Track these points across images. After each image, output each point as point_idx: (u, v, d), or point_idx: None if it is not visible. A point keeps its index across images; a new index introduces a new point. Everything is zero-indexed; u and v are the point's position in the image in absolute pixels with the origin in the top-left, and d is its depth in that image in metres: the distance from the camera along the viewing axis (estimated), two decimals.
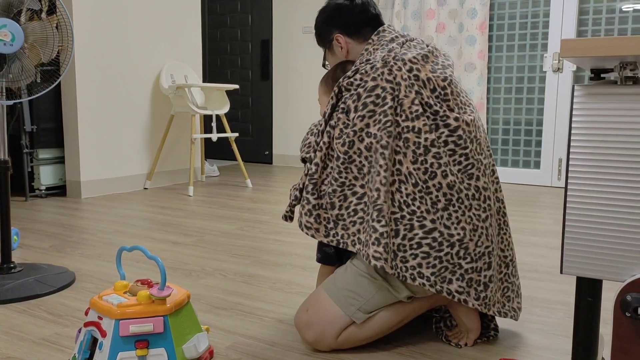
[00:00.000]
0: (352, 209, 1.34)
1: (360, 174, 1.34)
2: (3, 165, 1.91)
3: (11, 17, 1.83)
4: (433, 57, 1.41)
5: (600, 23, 4.08)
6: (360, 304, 1.36)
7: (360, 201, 1.34)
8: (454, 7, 4.50)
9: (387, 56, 1.37)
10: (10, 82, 1.89)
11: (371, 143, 1.32)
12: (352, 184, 1.34)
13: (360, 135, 1.33)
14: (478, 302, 1.34)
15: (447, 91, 1.36)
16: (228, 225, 2.87)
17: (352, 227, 1.34)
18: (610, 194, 0.91)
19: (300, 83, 5.46)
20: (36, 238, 2.56)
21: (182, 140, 4.40)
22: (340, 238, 1.35)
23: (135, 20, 3.92)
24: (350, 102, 1.36)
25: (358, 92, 1.36)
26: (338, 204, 1.35)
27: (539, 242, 2.58)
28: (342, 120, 1.37)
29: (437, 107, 1.34)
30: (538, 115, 4.37)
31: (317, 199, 1.38)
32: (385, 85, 1.33)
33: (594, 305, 1.00)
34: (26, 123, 3.48)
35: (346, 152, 1.34)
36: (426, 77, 1.35)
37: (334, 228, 1.36)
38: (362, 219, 1.33)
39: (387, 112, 1.31)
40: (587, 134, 0.92)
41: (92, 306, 1.27)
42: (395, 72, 1.34)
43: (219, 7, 5.95)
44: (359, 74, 1.38)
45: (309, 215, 1.38)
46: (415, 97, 1.32)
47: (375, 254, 1.27)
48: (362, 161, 1.34)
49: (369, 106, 1.33)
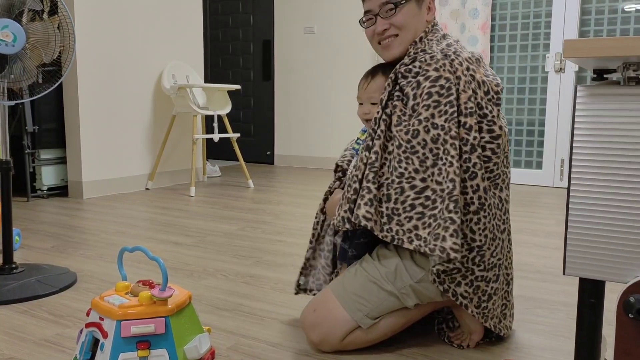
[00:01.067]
0: (408, 204, 1.28)
1: (422, 167, 1.28)
2: (5, 165, 1.91)
3: (13, 17, 1.83)
4: (482, 61, 1.40)
5: (603, 23, 4.07)
6: (368, 310, 1.35)
7: (419, 196, 1.28)
8: (456, 7, 4.50)
9: (446, 49, 1.34)
10: (11, 82, 1.89)
11: (438, 135, 1.27)
12: (411, 177, 1.28)
13: (426, 125, 1.28)
14: (477, 311, 1.35)
15: (499, 96, 1.35)
16: (230, 226, 2.86)
17: (407, 223, 1.28)
18: (613, 195, 0.91)
19: (302, 83, 5.46)
20: (38, 238, 2.56)
21: (183, 140, 4.40)
22: (395, 234, 1.29)
23: (137, 20, 3.92)
24: (409, 90, 1.32)
25: (418, 80, 1.31)
26: (394, 196, 1.29)
27: (541, 243, 2.57)
28: (399, 107, 1.33)
29: (487, 110, 1.32)
30: (540, 116, 4.36)
31: (377, 188, 1.31)
32: (449, 76, 1.29)
33: (596, 306, 1.00)
34: (28, 123, 3.48)
35: (409, 141, 1.29)
36: (481, 80, 1.33)
37: (387, 223, 1.30)
38: (420, 214, 1.27)
39: (453, 102, 1.27)
40: (589, 135, 0.92)
41: (94, 307, 1.27)
42: (457, 66, 1.31)
43: (221, 8, 5.95)
44: (418, 62, 1.34)
45: (369, 205, 1.30)
46: (472, 94, 1.30)
47: (454, 246, 1.22)
48: (425, 153, 1.28)
49: (434, 96, 1.29)
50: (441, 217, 1.25)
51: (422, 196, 1.27)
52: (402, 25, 1.41)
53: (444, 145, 1.27)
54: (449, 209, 1.24)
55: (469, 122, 1.29)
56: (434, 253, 1.23)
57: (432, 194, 1.27)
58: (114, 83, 3.79)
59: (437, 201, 1.26)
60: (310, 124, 5.45)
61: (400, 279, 1.34)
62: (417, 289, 1.34)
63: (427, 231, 1.26)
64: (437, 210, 1.26)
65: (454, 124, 1.27)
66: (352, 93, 5.17)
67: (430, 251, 1.24)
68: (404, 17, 1.41)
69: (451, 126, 1.27)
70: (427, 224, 1.27)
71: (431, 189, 1.27)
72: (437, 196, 1.26)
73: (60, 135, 3.69)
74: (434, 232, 1.25)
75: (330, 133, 5.34)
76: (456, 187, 1.24)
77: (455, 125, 1.27)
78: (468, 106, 1.29)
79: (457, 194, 1.24)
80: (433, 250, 1.24)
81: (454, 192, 1.24)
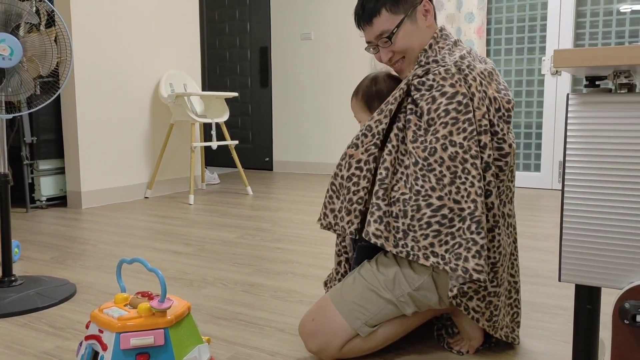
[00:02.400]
0: (424, 222, 1.26)
1: (438, 185, 1.26)
2: (3, 178, 1.91)
3: (10, 31, 1.84)
4: (495, 74, 1.37)
5: (598, 25, 4.09)
6: (367, 318, 1.36)
7: (435, 214, 1.26)
8: (452, 11, 4.52)
9: (460, 62, 1.31)
10: (9, 95, 1.89)
11: (456, 153, 1.25)
12: (428, 195, 1.26)
13: (444, 143, 1.26)
14: (488, 324, 1.36)
15: (510, 113, 1.33)
16: (229, 234, 2.87)
17: (423, 240, 1.27)
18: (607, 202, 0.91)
19: (300, 89, 5.47)
20: (37, 250, 2.57)
21: (182, 148, 4.41)
22: (410, 250, 1.28)
23: (134, 30, 3.94)
24: (423, 104, 1.29)
25: (433, 95, 1.29)
26: (410, 213, 1.27)
27: (540, 246, 2.58)
28: (414, 121, 1.31)
29: (498, 128, 1.31)
30: (537, 118, 4.37)
31: (387, 205, 1.30)
32: (465, 92, 1.28)
33: (593, 312, 1.00)
34: (26, 135, 3.49)
35: (426, 159, 1.27)
36: (492, 96, 1.32)
37: (402, 239, 1.28)
38: (437, 232, 1.26)
39: (471, 120, 1.26)
40: (582, 142, 0.93)
41: (93, 319, 1.27)
42: (470, 81, 1.29)
43: (218, 15, 5.97)
44: (432, 75, 1.31)
45: (379, 222, 1.29)
46: (486, 111, 1.29)
47: (477, 267, 1.22)
48: (442, 171, 1.26)
49: (452, 113, 1.27)
50: (462, 237, 1.24)
51: (439, 214, 1.26)
52: (404, 49, 1.42)
53: (464, 164, 1.25)
54: (470, 230, 1.23)
55: (484, 139, 1.28)
56: (455, 273, 1.23)
57: (449, 212, 1.25)
58: (112, 93, 3.80)
59: (455, 220, 1.25)
60: (308, 130, 5.46)
61: (399, 286, 1.34)
62: (416, 297, 1.34)
63: (444, 248, 1.26)
64: (454, 228, 1.25)
65: (474, 142, 1.25)
66: (348, 98, 5.18)
67: (452, 270, 1.24)
68: (402, 41, 1.41)
69: (471, 145, 1.25)
70: (444, 241, 1.26)
71: (448, 207, 1.25)
72: (454, 215, 1.25)
73: (59, 146, 3.70)
74: (455, 251, 1.24)
75: (328, 138, 5.35)
76: (478, 207, 1.24)
77: (475, 144, 1.25)
78: (482, 123, 1.28)
79: (479, 215, 1.24)
80: (455, 269, 1.23)
81: (475, 212, 1.24)
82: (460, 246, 1.24)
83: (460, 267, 1.23)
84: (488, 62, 1.44)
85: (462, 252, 1.23)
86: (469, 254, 1.23)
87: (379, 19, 1.41)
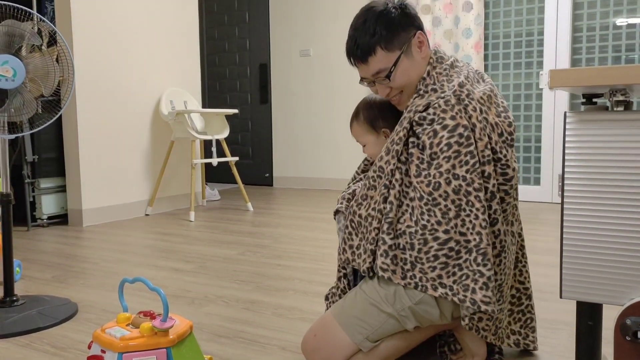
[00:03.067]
0: (432, 254, 1.27)
1: (444, 219, 1.27)
2: (6, 198, 1.92)
3: (12, 52, 1.86)
4: (494, 96, 1.37)
5: (594, 39, 4.12)
6: (369, 333, 1.36)
7: (442, 247, 1.27)
8: (449, 27, 4.56)
9: (458, 92, 1.31)
10: (12, 116, 1.91)
11: (460, 186, 1.26)
12: (434, 229, 1.27)
13: (447, 177, 1.26)
14: (494, 337, 1.37)
15: (513, 137, 1.34)
16: (229, 251, 2.87)
17: (430, 273, 1.28)
18: (606, 219, 0.92)
19: (299, 105, 5.50)
20: (38, 269, 2.57)
21: (182, 165, 4.42)
22: (419, 281, 1.29)
23: (135, 48, 3.97)
24: (425, 139, 1.29)
25: (434, 129, 1.28)
26: (417, 246, 1.28)
27: (541, 261, 2.58)
28: (416, 155, 1.31)
29: (501, 154, 1.31)
30: (536, 132, 4.39)
31: (393, 239, 1.31)
32: (466, 123, 1.28)
33: (594, 328, 1.01)
34: (28, 153, 3.50)
35: (431, 194, 1.27)
36: (494, 122, 1.32)
37: (410, 270, 1.30)
38: (444, 264, 1.27)
39: (473, 152, 1.26)
40: (580, 160, 0.94)
41: (95, 339, 1.27)
42: (471, 112, 1.29)
43: (217, 33, 6.02)
44: (432, 109, 1.31)
45: (385, 257, 1.31)
46: (488, 141, 1.29)
47: (485, 298, 1.24)
48: (447, 205, 1.26)
49: (454, 146, 1.27)
50: (469, 269, 1.26)
51: (446, 247, 1.27)
52: (403, 85, 1.42)
53: (467, 196, 1.26)
54: (477, 262, 1.25)
55: (487, 170, 1.29)
56: (463, 304, 1.25)
57: (456, 244, 1.27)
58: (113, 111, 3.82)
59: (462, 252, 1.26)
60: (308, 145, 5.48)
61: (400, 300, 1.35)
62: (417, 311, 1.35)
63: (452, 279, 1.27)
64: (461, 260, 1.26)
65: (476, 175, 1.26)
66: (348, 114, 5.21)
67: (460, 301, 1.25)
68: (401, 78, 1.40)
69: (474, 178, 1.26)
70: (452, 272, 1.27)
71: (454, 240, 1.27)
72: (461, 247, 1.26)
73: (60, 164, 3.71)
74: (462, 282, 1.26)
75: (328, 154, 5.37)
76: (483, 239, 1.25)
77: (478, 177, 1.26)
78: (485, 154, 1.29)
79: (484, 247, 1.25)
80: (463, 301, 1.25)
81: (481, 245, 1.25)
82: (468, 277, 1.25)
83: (468, 298, 1.25)
84: (486, 78, 1.45)
85: (469, 284, 1.25)
86: (476, 286, 1.24)
87: (375, 57, 1.40)
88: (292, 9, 5.44)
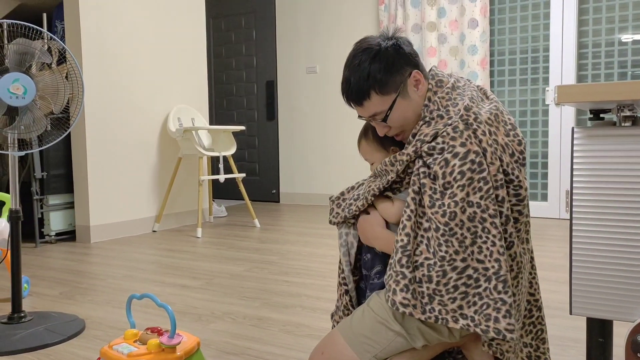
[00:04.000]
0: (451, 285, 1.25)
1: (461, 247, 1.24)
2: (15, 214, 1.93)
3: (23, 70, 1.88)
4: (500, 114, 1.35)
5: (600, 55, 4.13)
6: (376, 351, 1.35)
7: (461, 276, 1.24)
8: (455, 44, 4.58)
9: (465, 116, 1.29)
10: (22, 133, 1.93)
11: (475, 213, 1.24)
12: (452, 259, 1.24)
13: (463, 206, 1.24)
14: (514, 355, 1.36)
15: (524, 155, 1.32)
16: (236, 267, 2.87)
17: (450, 304, 1.25)
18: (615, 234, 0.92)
19: (305, 122, 5.53)
20: (46, 285, 2.57)
21: (189, 182, 4.44)
22: (438, 314, 1.25)
23: (143, 65, 4.01)
24: (437, 168, 1.27)
25: (445, 158, 1.26)
26: (436, 278, 1.25)
27: (549, 277, 2.56)
28: (429, 185, 1.28)
29: (513, 176, 1.29)
30: (543, 148, 4.39)
31: (412, 272, 1.27)
32: (477, 149, 1.25)
33: (605, 345, 1.00)
34: (36, 170, 3.53)
35: (447, 224, 1.25)
36: (504, 142, 1.30)
37: (429, 303, 1.26)
38: (464, 294, 1.25)
39: (486, 178, 1.24)
40: (588, 175, 0.94)
41: (103, 356, 1.27)
42: (480, 136, 1.27)
43: (225, 51, 6.08)
44: (440, 138, 1.29)
45: (405, 291, 1.27)
46: (500, 164, 1.28)
47: (509, 326, 1.22)
48: (463, 233, 1.24)
49: (467, 174, 1.24)
50: (489, 298, 1.23)
51: (464, 275, 1.25)
52: (400, 125, 1.39)
53: (483, 223, 1.24)
54: (497, 290, 1.23)
55: (501, 194, 1.27)
56: (487, 335, 1.22)
57: (474, 272, 1.25)
58: (121, 128, 3.85)
59: (481, 280, 1.24)
60: (314, 162, 5.49)
61: (408, 319, 1.34)
62: (425, 330, 1.34)
63: (473, 309, 1.24)
64: (481, 289, 1.24)
65: (491, 201, 1.24)
66: (354, 130, 5.23)
67: (483, 332, 1.22)
68: (398, 119, 1.38)
69: (488, 204, 1.24)
70: (472, 302, 1.25)
71: (472, 268, 1.25)
72: (479, 275, 1.24)
73: (68, 181, 3.73)
74: (484, 312, 1.23)
75: (334, 170, 5.38)
76: (502, 266, 1.23)
77: (492, 203, 1.24)
78: (498, 178, 1.27)
79: (504, 273, 1.23)
80: (486, 331, 1.22)
81: (500, 272, 1.23)
82: (489, 307, 1.23)
83: (491, 328, 1.22)
84: (490, 95, 1.44)
85: (491, 313, 1.22)
86: (499, 315, 1.22)
87: (370, 101, 1.37)
88: (299, 26, 5.50)
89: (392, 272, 1.29)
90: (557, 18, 4.25)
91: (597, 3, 4.14)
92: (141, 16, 4.00)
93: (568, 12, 4.21)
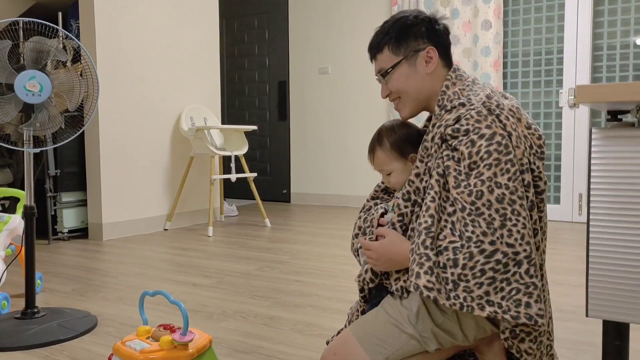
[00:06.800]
0: (478, 269, 1.20)
1: (489, 229, 1.20)
2: (29, 211, 1.95)
3: (39, 68, 1.90)
4: (519, 109, 1.35)
5: (615, 58, 4.10)
6: (389, 353, 1.34)
7: (489, 260, 1.20)
8: (468, 45, 4.56)
9: (487, 103, 1.28)
10: (37, 130, 1.95)
11: (503, 194, 1.21)
12: (479, 240, 1.20)
13: (490, 185, 1.22)
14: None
15: (543, 149, 1.32)
16: (247, 266, 2.87)
17: (477, 290, 1.20)
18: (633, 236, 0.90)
19: (317, 123, 5.53)
20: (59, 282, 2.59)
21: (201, 181, 4.45)
22: (463, 301, 1.21)
23: (156, 65, 4.04)
24: (463, 149, 1.25)
25: (472, 138, 1.25)
26: (462, 262, 1.21)
27: (563, 281, 2.54)
28: (453, 167, 1.27)
29: (534, 166, 1.29)
30: (556, 151, 4.35)
31: (436, 255, 1.24)
32: (503, 132, 1.25)
33: (621, 349, 0.99)
34: (50, 167, 3.56)
35: (473, 203, 1.22)
36: (524, 134, 1.29)
37: (453, 290, 1.21)
38: (491, 279, 1.20)
39: (513, 160, 1.23)
40: (606, 176, 0.93)
41: (116, 352, 1.28)
42: (504, 121, 1.26)
43: (237, 51, 6.09)
44: (464, 120, 1.27)
45: (430, 274, 1.22)
46: (524, 149, 1.27)
47: (540, 311, 1.19)
48: (491, 214, 1.21)
49: (494, 154, 1.23)
50: (519, 282, 1.20)
51: (493, 260, 1.20)
52: (397, 90, 1.43)
53: (512, 205, 1.21)
54: (529, 274, 1.19)
55: (527, 178, 1.26)
56: (518, 321, 1.18)
57: (503, 257, 1.20)
58: (134, 127, 3.87)
59: (510, 264, 1.20)
60: (326, 162, 5.49)
61: (422, 321, 1.33)
62: (439, 333, 1.33)
63: (500, 295, 1.20)
64: (509, 274, 1.20)
65: (519, 183, 1.23)
66: (366, 131, 5.22)
67: (513, 318, 1.18)
68: (396, 82, 1.42)
69: (517, 186, 1.22)
70: (500, 287, 1.21)
71: (501, 252, 1.20)
72: (509, 259, 1.20)
73: (81, 179, 3.76)
74: (513, 297, 1.19)
75: (345, 171, 5.37)
76: (533, 249, 1.21)
77: (520, 185, 1.23)
78: (524, 162, 1.26)
79: (534, 257, 1.20)
80: (516, 317, 1.18)
81: (531, 255, 1.20)
82: (519, 292, 1.19)
83: (522, 314, 1.18)
84: (509, 96, 1.44)
85: (521, 298, 1.18)
86: (531, 299, 1.18)
87: (382, 55, 1.45)
88: (312, 27, 5.50)
89: (415, 256, 1.25)
90: (572, 20, 4.22)
91: (612, 5, 4.10)
92: (155, 16, 4.02)
93: (583, 14, 4.18)
